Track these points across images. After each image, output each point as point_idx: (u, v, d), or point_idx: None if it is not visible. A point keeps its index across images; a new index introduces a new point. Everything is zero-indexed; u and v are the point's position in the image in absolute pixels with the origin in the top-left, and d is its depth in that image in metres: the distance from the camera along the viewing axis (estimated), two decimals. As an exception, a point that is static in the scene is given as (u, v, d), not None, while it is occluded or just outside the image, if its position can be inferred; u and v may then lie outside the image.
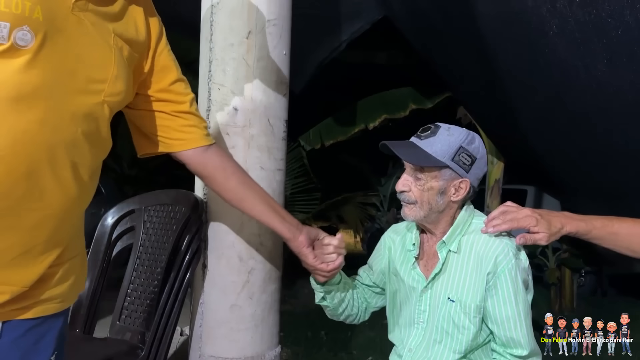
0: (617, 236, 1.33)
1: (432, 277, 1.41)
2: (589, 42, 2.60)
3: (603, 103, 2.70)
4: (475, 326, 1.37)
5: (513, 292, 1.34)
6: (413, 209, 1.40)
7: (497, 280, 1.34)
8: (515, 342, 1.35)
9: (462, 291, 1.38)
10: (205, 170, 1.35)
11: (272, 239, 1.78)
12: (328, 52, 3.54)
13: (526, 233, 1.33)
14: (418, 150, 1.37)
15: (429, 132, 1.38)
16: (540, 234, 1.31)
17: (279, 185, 1.82)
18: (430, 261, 1.46)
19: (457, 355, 1.40)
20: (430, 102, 5.83)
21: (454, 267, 1.40)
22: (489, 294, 1.35)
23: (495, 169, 4.64)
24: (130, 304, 1.84)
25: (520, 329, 1.34)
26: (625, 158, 2.86)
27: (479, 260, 1.36)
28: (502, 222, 1.34)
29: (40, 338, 0.95)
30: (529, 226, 1.32)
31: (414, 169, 1.40)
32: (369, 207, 7.63)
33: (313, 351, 4.47)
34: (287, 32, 1.82)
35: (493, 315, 1.35)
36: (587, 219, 1.34)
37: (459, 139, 1.38)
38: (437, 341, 1.42)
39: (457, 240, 1.41)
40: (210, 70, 1.76)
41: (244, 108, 1.73)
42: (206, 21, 1.77)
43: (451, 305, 1.39)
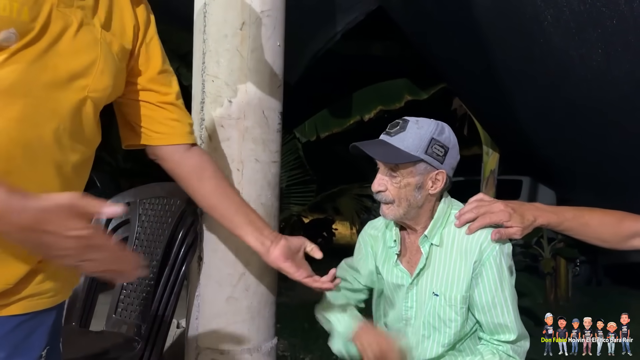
0: (587, 227, 1.36)
1: (417, 273, 1.40)
2: (584, 32, 2.60)
3: (599, 93, 2.70)
4: (462, 317, 1.37)
5: (499, 279, 1.34)
6: (391, 207, 1.38)
7: (482, 268, 1.34)
8: (503, 327, 1.35)
9: (447, 284, 1.37)
10: (181, 170, 1.31)
11: (267, 231, 1.78)
12: (323, 43, 3.52)
13: (500, 228, 1.34)
14: (390, 148, 1.35)
15: (397, 127, 1.37)
16: (514, 228, 1.33)
17: (274, 178, 1.81)
18: (414, 257, 1.44)
19: (446, 348, 1.40)
20: (426, 93, 5.82)
21: (438, 261, 1.39)
22: (474, 283, 1.35)
23: (490, 160, 4.65)
24: (126, 297, 1.84)
25: (507, 314, 1.35)
26: (623, 149, 2.87)
27: (463, 250, 1.36)
28: (474, 215, 1.35)
29: (30, 333, 0.94)
30: (502, 221, 1.33)
31: (388, 168, 1.37)
32: (365, 199, 7.62)
33: (310, 342, 4.49)
34: (281, 24, 1.81)
35: (480, 304, 1.35)
36: (559, 210, 1.38)
37: (429, 130, 1.37)
38: (425, 337, 1.42)
39: (439, 233, 1.39)
40: (204, 62, 1.74)
41: (238, 100, 1.72)
42: (200, 13, 1.76)
43: (436, 300, 1.38)
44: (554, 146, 3.21)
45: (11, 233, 0.76)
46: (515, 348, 1.37)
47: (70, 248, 0.76)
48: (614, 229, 1.36)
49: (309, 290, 1.50)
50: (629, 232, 1.36)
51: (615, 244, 1.38)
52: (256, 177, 1.76)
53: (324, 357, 4.31)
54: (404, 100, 5.76)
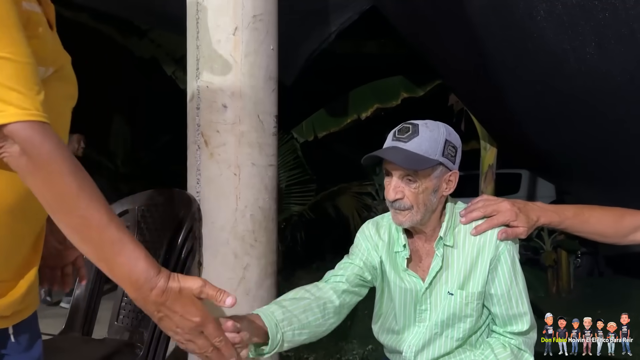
0: (588, 224, 1.41)
1: (434, 276, 1.40)
2: (577, 26, 2.60)
3: (593, 86, 2.71)
4: (477, 312, 1.39)
5: (513, 271, 1.38)
6: (408, 214, 1.35)
7: (497, 263, 1.37)
8: (517, 318, 1.38)
9: (464, 282, 1.38)
10: None
11: (266, 235, 1.79)
12: (318, 43, 3.53)
13: (507, 227, 1.37)
14: (408, 154, 1.32)
15: (409, 132, 1.34)
16: (520, 228, 1.36)
17: (271, 181, 1.82)
18: (425, 260, 1.43)
19: (459, 342, 1.42)
20: (422, 90, 5.82)
21: (452, 261, 1.40)
22: (490, 277, 1.38)
23: (488, 155, 4.65)
24: (127, 304, 1.84)
25: (522, 305, 1.39)
26: (619, 142, 2.87)
27: (479, 248, 1.37)
28: (482, 214, 1.38)
29: None
30: (509, 221, 1.36)
31: (404, 174, 1.35)
32: (365, 197, 7.64)
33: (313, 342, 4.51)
34: (273, 27, 1.82)
35: (496, 297, 1.38)
36: (560, 209, 1.42)
37: (441, 132, 1.36)
38: (438, 334, 1.42)
39: (452, 234, 1.40)
40: (198, 68, 1.75)
41: (234, 105, 1.73)
42: (192, 19, 1.77)
43: (451, 299, 1.39)
44: (550, 139, 3.21)
45: (140, 302, 0.91)
46: (527, 340, 1.40)
47: (186, 328, 0.92)
48: (614, 224, 1.40)
49: None
50: (629, 227, 1.39)
51: (617, 239, 1.42)
52: (253, 181, 1.77)
53: (327, 356, 4.32)
54: (401, 97, 5.76)
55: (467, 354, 1.44)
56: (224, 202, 1.70)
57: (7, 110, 0.83)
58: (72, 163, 0.89)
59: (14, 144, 0.84)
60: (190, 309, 0.91)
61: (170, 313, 0.91)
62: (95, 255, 0.92)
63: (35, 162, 0.85)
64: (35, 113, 0.86)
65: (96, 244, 0.90)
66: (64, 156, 0.88)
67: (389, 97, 5.78)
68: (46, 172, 0.86)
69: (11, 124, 0.83)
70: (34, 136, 0.85)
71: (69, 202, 0.87)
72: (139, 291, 0.90)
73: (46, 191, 0.88)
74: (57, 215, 0.89)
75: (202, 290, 0.91)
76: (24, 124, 0.84)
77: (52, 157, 0.86)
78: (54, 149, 0.87)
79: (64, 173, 0.87)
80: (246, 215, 1.71)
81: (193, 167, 1.79)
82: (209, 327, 0.93)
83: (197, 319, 0.92)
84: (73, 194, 0.87)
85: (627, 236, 1.40)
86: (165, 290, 0.89)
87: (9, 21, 0.85)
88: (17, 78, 0.85)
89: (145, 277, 0.88)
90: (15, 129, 0.83)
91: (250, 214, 1.72)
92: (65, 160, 0.88)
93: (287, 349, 1.28)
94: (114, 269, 0.90)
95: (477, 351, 1.43)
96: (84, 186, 0.88)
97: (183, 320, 0.91)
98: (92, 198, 0.89)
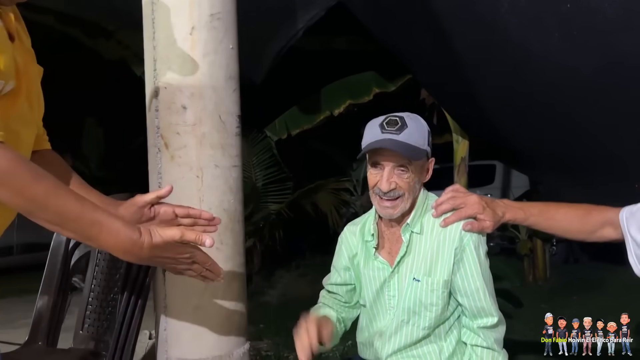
0: (553, 221, 1.43)
1: (398, 261, 1.43)
2: (541, 19, 2.62)
3: (559, 78, 2.73)
4: (443, 301, 1.41)
5: (479, 264, 1.40)
6: (399, 203, 1.41)
7: (463, 254, 1.39)
8: (485, 311, 1.40)
9: (429, 269, 1.41)
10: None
11: (232, 237, 1.77)
12: (285, 40, 3.51)
13: (473, 220, 1.40)
14: (405, 145, 1.37)
15: (399, 124, 1.39)
16: (487, 222, 1.39)
17: (235, 182, 1.80)
18: (394, 247, 1.47)
19: (426, 331, 1.43)
20: (393, 85, 5.84)
21: (418, 248, 1.43)
22: (456, 268, 1.40)
23: (460, 148, 4.69)
24: (92, 312, 1.81)
25: (487, 298, 1.40)
26: (587, 133, 2.91)
27: (444, 237, 1.41)
28: (450, 206, 1.41)
29: None
30: (476, 214, 1.39)
31: (397, 165, 1.40)
32: (343, 193, 7.65)
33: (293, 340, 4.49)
34: (232, 26, 1.79)
35: (462, 288, 1.40)
36: (525, 206, 1.45)
37: (423, 123, 1.46)
38: (404, 322, 1.45)
39: (420, 221, 1.43)
40: (155, 69, 1.72)
41: (193, 106, 1.70)
42: (147, 19, 1.73)
43: (417, 285, 1.42)
44: (520, 132, 3.24)
45: (135, 260, 1.07)
46: (498, 337, 1.42)
47: (183, 263, 1.14)
48: (580, 221, 1.41)
49: (290, 289, 1.50)
50: (596, 223, 1.40)
51: (584, 236, 1.43)
52: (217, 182, 1.74)
53: (307, 354, 4.28)
54: (373, 93, 5.78)
55: (432, 346, 1.45)
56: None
57: None
58: (31, 170, 0.95)
59: None
60: (178, 250, 1.10)
61: (164, 259, 1.10)
62: (80, 238, 1.06)
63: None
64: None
65: (77, 231, 1.00)
66: (22, 167, 0.93)
67: (361, 93, 5.79)
68: (11, 186, 0.92)
69: None
70: None
71: (40, 205, 0.95)
72: (130, 254, 1.04)
73: (17, 201, 0.94)
74: (33, 217, 0.97)
75: (183, 237, 1.07)
76: None
77: (12, 172, 0.92)
78: (12, 164, 0.92)
79: (28, 182, 0.93)
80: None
81: (154, 170, 1.76)
82: (198, 255, 1.14)
83: (186, 255, 1.12)
84: (41, 196, 0.95)
85: (594, 232, 1.41)
86: (152, 247, 1.04)
87: None
88: None
89: (130, 242, 1.02)
90: None
91: (215, 216, 1.69)
92: (25, 171, 0.94)
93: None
94: (101, 244, 1.03)
95: (444, 344, 1.45)
96: (48, 187, 0.96)
97: (176, 259, 1.12)
98: (60, 194, 0.97)
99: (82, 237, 1.03)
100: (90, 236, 1.01)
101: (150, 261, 1.10)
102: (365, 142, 1.42)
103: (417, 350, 1.45)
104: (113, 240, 1.01)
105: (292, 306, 5.25)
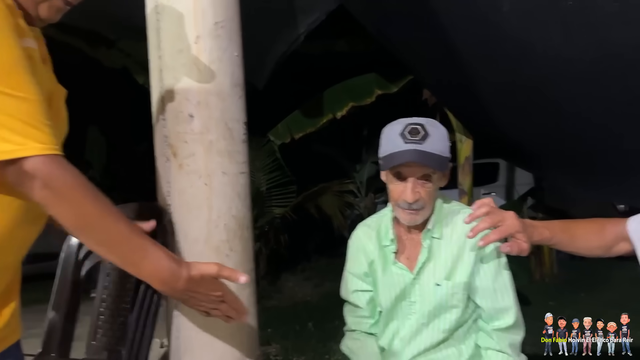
0: (576, 238, 1.36)
1: (421, 267, 1.43)
2: (541, 13, 2.63)
3: (560, 73, 2.74)
4: (463, 303, 1.42)
5: (498, 264, 1.40)
6: (422, 212, 1.41)
7: (482, 255, 1.39)
8: (503, 311, 1.40)
9: (450, 273, 1.41)
10: None
11: (241, 244, 1.77)
12: (287, 45, 3.51)
13: (512, 242, 1.30)
14: (431, 155, 1.35)
15: (422, 133, 1.36)
16: (525, 244, 1.29)
17: (243, 189, 1.80)
18: (412, 252, 1.47)
19: (445, 334, 1.44)
20: (395, 86, 5.86)
21: (439, 253, 1.44)
22: (475, 269, 1.40)
23: (464, 147, 4.70)
24: (104, 322, 1.80)
25: (507, 298, 1.41)
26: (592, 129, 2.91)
27: (464, 240, 1.40)
28: (488, 225, 1.29)
29: None
30: (516, 232, 1.29)
31: (422, 175, 1.37)
32: (347, 195, 7.68)
33: (301, 344, 4.50)
34: (236, 34, 1.80)
35: (481, 289, 1.41)
36: (549, 225, 1.36)
37: (443, 129, 1.44)
38: (425, 325, 1.45)
39: (440, 226, 1.43)
40: (161, 79, 1.73)
41: (200, 114, 1.71)
42: (152, 29, 1.74)
43: (438, 290, 1.42)
44: (522, 129, 3.24)
45: (168, 292, 1.12)
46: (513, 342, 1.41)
47: (210, 301, 1.16)
48: (598, 236, 1.36)
49: (297, 292, 1.51)
50: (612, 237, 1.35)
51: (602, 251, 1.38)
52: (225, 189, 1.74)
53: (316, 357, 4.31)
54: (375, 94, 5.80)
55: (452, 350, 1.45)
56: (195, 214, 1.68)
57: (27, 144, 0.90)
58: (90, 188, 0.99)
59: (34, 178, 0.92)
60: (211, 287, 1.13)
61: (196, 294, 1.12)
62: (122, 262, 1.09)
63: (57, 194, 0.94)
64: (53, 147, 0.93)
65: (122, 254, 1.04)
66: (82, 184, 0.97)
67: (363, 95, 5.81)
68: (69, 201, 0.95)
69: (31, 158, 0.90)
70: (53, 170, 0.93)
71: (93, 223, 0.99)
72: (167, 285, 1.08)
73: (70, 217, 0.98)
74: (82, 235, 1.03)
75: (219, 273, 1.12)
76: (44, 158, 0.92)
77: (73, 187, 0.96)
78: (74, 180, 0.96)
79: (86, 199, 0.97)
80: (219, 225, 1.69)
81: (163, 179, 1.76)
82: (228, 295, 1.17)
83: (218, 292, 1.15)
84: (96, 215, 0.98)
85: (611, 248, 1.36)
86: (189, 279, 1.07)
87: (20, 63, 0.92)
88: (32, 115, 0.91)
89: (170, 272, 1.05)
90: (36, 164, 0.91)
91: (224, 223, 1.70)
92: (85, 188, 0.97)
93: None
94: (142, 271, 1.07)
95: (463, 347, 1.45)
96: (103, 206, 0.99)
97: (207, 296, 1.14)
98: (112, 215, 1.00)
99: (125, 260, 1.06)
100: (134, 261, 1.04)
101: (184, 295, 1.11)
102: (385, 151, 1.39)
103: (436, 354, 1.46)
104: (154, 268, 1.04)
105: (299, 309, 5.27)
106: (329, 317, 4.80)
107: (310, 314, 5.13)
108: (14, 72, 0.90)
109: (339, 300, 1.74)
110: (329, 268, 6.85)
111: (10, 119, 0.88)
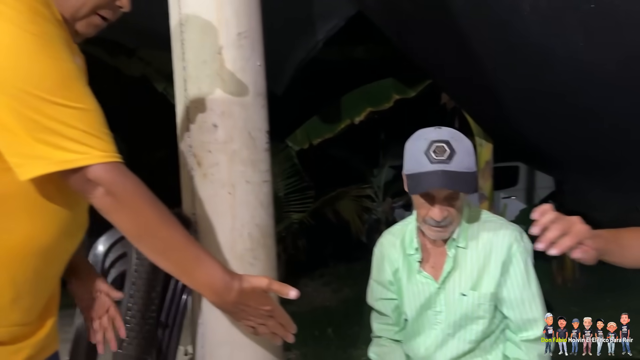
0: (625, 248, 1.24)
1: (445, 277, 1.42)
2: (563, 18, 2.61)
3: (583, 76, 2.71)
4: (490, 314, 1.40)
5: (526, 275, 1.38)
6: (449, 228, 1.38)
7: (510, 265, 1.38)
8: (532, 323, 1.38)
9: (476, 283, 1.40)
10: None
11: (265, 252, 1.78)
12: (305, 52, 3.54)
13: (586, 248, 1.16)
14: (458, 175, 1.30)
15: (448, 152, 1.31)
16: (593, 252, 1.15)
17: (266, 198, 1.81)
18: (437, 261, 1.45)
19: (472, 344, 1.43)
20: (413, 91, 5.84)
21: (464, 262, 1.42)
22: (502, 280, 1.38)
23: (484, 151, 4.66)
24: (130, 331, 1.82)
25: (536, 309, 1.39)
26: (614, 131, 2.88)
27: (490, 249, 1.39)
28: (559, 232, 1.13)
29: None
30: (585, 239, 1.15)
31: (449, 195, 1.34)
32: (364, 200, 7.66)
33: (321, 350, 4.48)
34: (259, 43, 1.81)
35: (509, 300, 1.38)
36: (601, 233, 1.21)
37: (467, 142, 1.39)
38: (450, 335, 1.44)
39: (465, 236, 1.42)
40: (186, 89, 1.75)
41: (224, 124, 1.73)
42: (176, 40, 1.76)
43: (464, 300, 1.41)
44: (542, 133, 3.22)
45: (219, 304, 1.10)
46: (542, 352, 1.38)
47: (259, 315, 1.13)
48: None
49: (316, 298, 1.51)
50: None
51: None
52: (248, 198, 1.76)
53: (336, 363, 4.29)
54: (393, 99, 5.79)
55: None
56: (220, 222, 1.69)
57: (91, 152, 0.92)
58: (150, 195, 1.00)
59: (97, 185, 0.94)
60: (261, 301, 1.11)
61: (245, 307, 1.10)
62: (177, 270, 1.08)
63: (120, 200, 0.95)
64: (114, 155, 0.96)
65: (178, 262, 1.04)
66: (143, 191, 0.99)
67: (381, 100, 5.80)
68: (131, 208, 0.97)
69: (94, 166, 0.92)
70: (116, 177, 0.95)
71: (152, 230, 0.99)
72: (219, 296, 1.06)
73: (131, 223, 0.99)
74: (141, 241, 1.02)
75: (269, 287, 1.10)
76: (106, 166, 0.94)
77: (135, 194, 0.97)
78: (135, 187, 0.98)
79: (147, 206, 0.98)
80: (243, 234, 1.70)
81: (187, 189, 1.78)
82: (277, 310, 1.15)
83: (268, 307, 1.13)
84: (156, 222, 0.99)
85: None
86: (240, 292, 1.06)
87: (75, 74, 0.95)
88: (92, 125, 0.94)
89: (223, 284, 1.04)
90: (99, 172, 0.93)
91: (248, 232, 1.71)
92: (145, 195, 0.99)
93: None
94: (195, 280, 1.07)
95: (489, 357, 1.43)
96: (163, 214, 1.00)
97: (256, 310, 1.12)
98: (171, 223, 1.01)
99: (180, 269, 1.05)
100: (189, 270, 1.03)
101: (234, 307, 1.11)
102: (410, 170, 1.34)
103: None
104: (208, 278, 1.04)
105: (318, 314, 5.26)
106: (348, 323, 4.78)
107: (330, 319, 5.11)
108: (70, 84, 0.92)
109: (357, 306, 1.74)
110: (348, 273, 6.84)
111: (71, 130, 0.91)
